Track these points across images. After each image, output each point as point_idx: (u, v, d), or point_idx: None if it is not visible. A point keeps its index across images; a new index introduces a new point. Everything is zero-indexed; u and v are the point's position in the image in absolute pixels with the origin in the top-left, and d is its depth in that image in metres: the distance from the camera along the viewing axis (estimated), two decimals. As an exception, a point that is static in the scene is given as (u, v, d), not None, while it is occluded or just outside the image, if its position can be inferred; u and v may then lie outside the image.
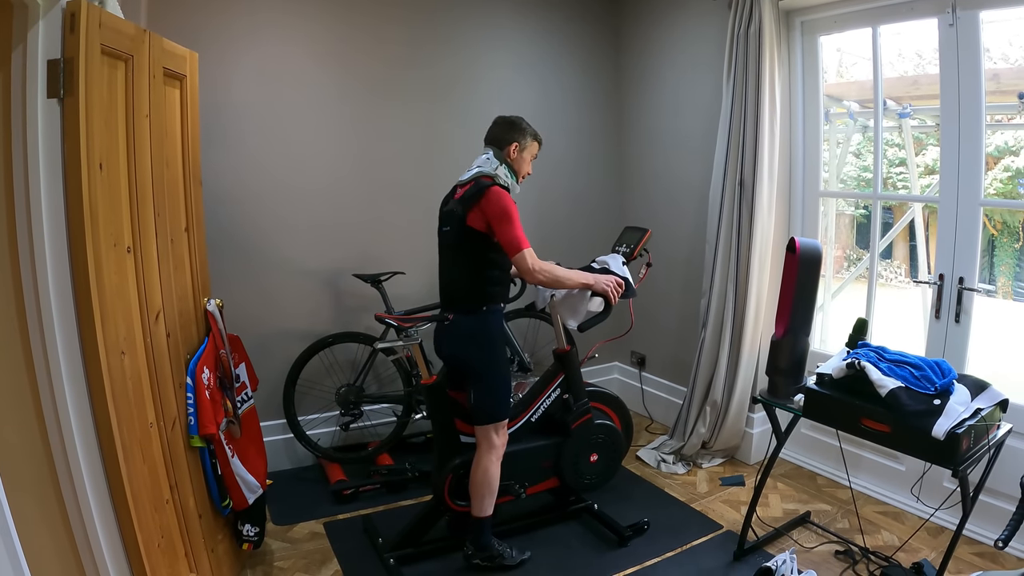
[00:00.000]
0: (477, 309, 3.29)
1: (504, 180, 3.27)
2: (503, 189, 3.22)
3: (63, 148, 2.11)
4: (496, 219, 3.14)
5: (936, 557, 3.40)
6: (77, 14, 2.07)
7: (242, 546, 3.23)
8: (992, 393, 2.86)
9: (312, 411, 4.52)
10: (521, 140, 3.37)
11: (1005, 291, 10.02)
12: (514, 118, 3.43)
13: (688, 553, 3.59)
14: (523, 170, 3.44)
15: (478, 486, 3.33)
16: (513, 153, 3.36)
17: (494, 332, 3.35)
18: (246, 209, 4.20)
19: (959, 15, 3.51)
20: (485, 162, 3.31)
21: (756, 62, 4.14)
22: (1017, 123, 6.80)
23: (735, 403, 4.47)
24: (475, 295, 3.29)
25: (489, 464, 3.33)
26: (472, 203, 3.17)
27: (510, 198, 3.20)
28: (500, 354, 3.39)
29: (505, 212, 3.14)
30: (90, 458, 2.18)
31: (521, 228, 3.17)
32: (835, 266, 7.66)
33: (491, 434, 3.34)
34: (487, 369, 3.32)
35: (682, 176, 5.04)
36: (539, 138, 3.47)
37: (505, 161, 3.34)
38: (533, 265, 3.19)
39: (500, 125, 3.42)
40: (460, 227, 3.22)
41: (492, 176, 3.24)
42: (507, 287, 3.46)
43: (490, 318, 3.31)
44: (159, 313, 2.64)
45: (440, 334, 3.43)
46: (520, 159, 3.40)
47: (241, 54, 4.09)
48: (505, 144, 3.36)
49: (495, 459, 3.35)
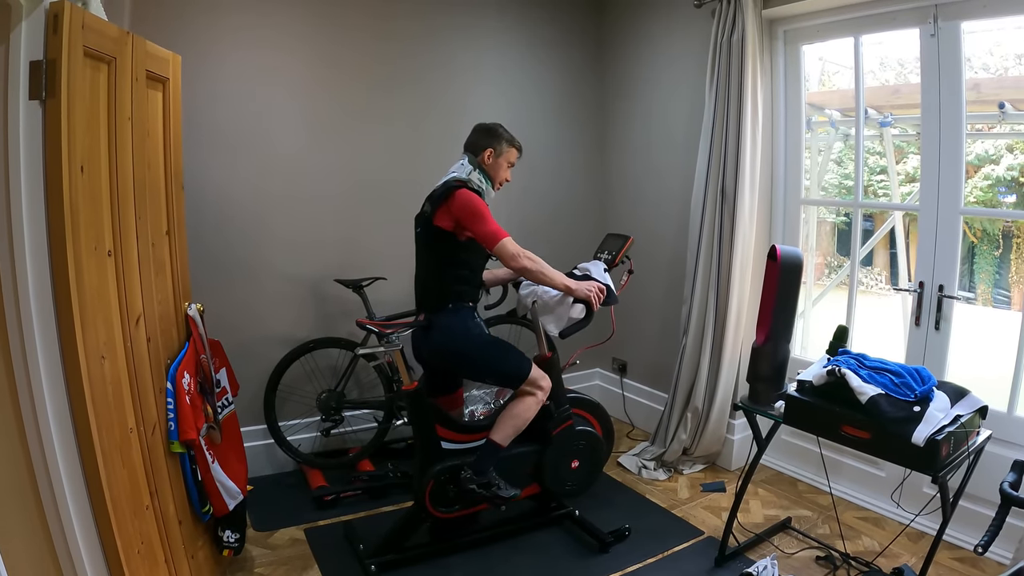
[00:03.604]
0: (444, 306, 3.36)
1: (477, 185, 3.33)
2: (472, 192, 3.26)
3: (44, 150, 2.08)
4: (468, 218, 3.20)
5: (916, 562, 3.42)
6: (60, 15, 2.05)
7: (222, 552, 3.20)
8: (972, 400, 2.89)
9: (293, 416, 4.50)
10: (496, 146, 3.42)
11: (985, 298, 10.13)
12: (491, 125, 3.48)
13: (670, 559, 3.59)
14: (499, 176, 3.48)
15: (512, 417, 3.40)
16: (488, 159, 3.41)
17: (465, 322, 3.39)
18: (227, 213, 4.18)
19: (941, 26, 3.55)
20: (459, 168, 3.39)
21: (739, 70, 4.16)
22: (997, 132, 6.86)
23: (716, 409, 4.48)
24: (443, 293, 3.37)
25: (532, 403, 3.43)
26: (439, 203, 3.25)
27: (479, 198, 3.24)
28: (480, 332, 3.42)
29: (475, 210, 3.19)
30: (70, 463, 2.16)
31: (494, 221, 3.22)
32: (816, 273, 7.71)
33: (530, 386, 3.41)
34: (477, 351, 3.38)
35: (664, 183, 5.05)
36: (516, 144, 3.50)
37: (480, 166, 3.39)
38: (516, 251, 3.23)
39: (477, 131, 3.48)
40: (428, 227, 3.30)
41: (464, 181, 3.30)
42: (476, 288, 3.50)
43: (457, 312, 3.38)
44: (140, 317, 2.62)
45: (417, 339, 3.48)
46: (496, 164, 3.44)
47: (224, 57, 4.07)
48: (480, 150, 3.42)
49: (539, 401, 3.44)
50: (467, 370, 3.54)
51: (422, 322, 3.42)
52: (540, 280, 3.37)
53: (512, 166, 3.53)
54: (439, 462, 3.44)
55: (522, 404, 3.40)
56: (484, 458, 3.40)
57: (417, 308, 3.52)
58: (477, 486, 3.38)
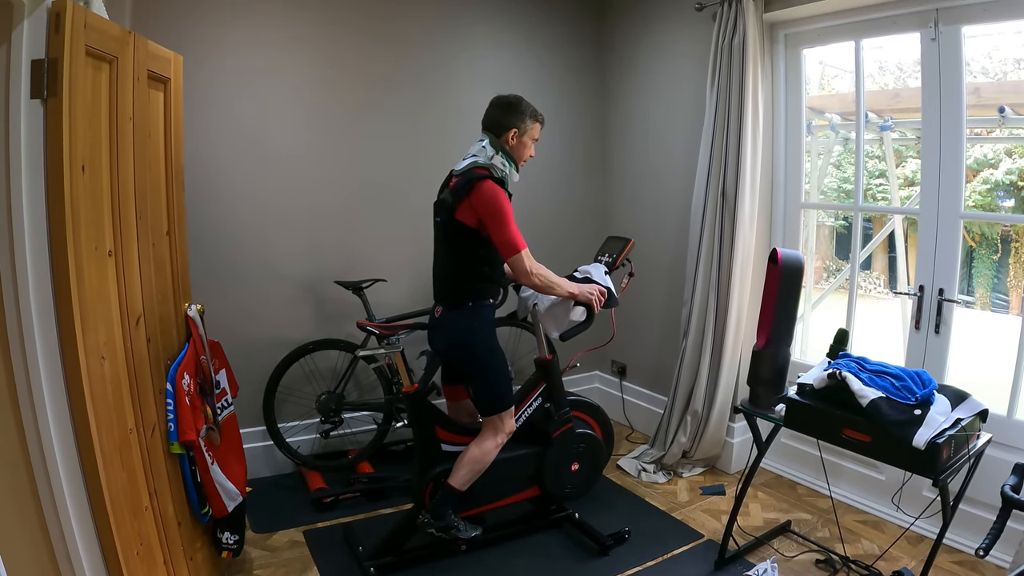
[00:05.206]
0: (463, 305, 3.24)
1: (500, 171, 3.15)
2: (496, 183, 3.09)
3: (45, 150, 2.08)
4: (489, 217, 3.05)
5: (916, 566, 3.42)
6: (62, 14, 2.05)
7: (221, 554, 3.19)
8: (972, 403, 2.89)
9: (292, 418, 4.49)
10: (520, 124, 3.21)
11: (983, 302, 10.14)
12: (512, 98, 3.26)
13: (669, 562, 3.59)
14: (524, 155, 3.29)
15: (471, 461, 3.29)
16: (512, 139, 3.21)
17: (484, 326, 3.29)
18: (228, 213, 4.17)
19: (942, 30, 3.55)
20: (480, 151, 3.18)
21: (740, 74, 4.16)
22: (996, 136, 6.88)
23: (716, 413, 4.48)
24: (463, 291, 3.24)
25: (491, 447, 3.31)
26: (462, 196, 3.08)
27: (504, 194, 3.08)
28: (493, 346, 3.32)
29: (498, 210, 3.03)
30: (69, 464, 2.15)
31: (516, 227, 3.07)
32: (815, 276, 7.72)
33: (497, 422, 3.33)
34: (482, 363, 3.29)
35: (665, 186, 5.05)
36: (540, 118, 3.30)
37: (502, 148, 3.20)
38: (531, 268, 3.11)
39: (497, 107, 3.25)
40: (450, 220, 3.14)
41: (487, 167, 3.12)
42: (497, 284, 3.38)
43: (479, 313, 3.26)
44: (140, 318, 2.61)
45: (432, 328, 3.40)
46: (520, 144, 3.25)
47: (225, 58, 4.07)
48: (503, 130, 3.21)
49: (498, 444, 3.34)
50: (467, 371, 3.42)
51: (438, 318, 3.33)
52: (548, 292, 3.30)
53: (536, 141, 3.34)
54: (439, 464, 3.43)
55: (481, 448, 3.31)
56: (442, 503, 3.32)
57: (435, 298, 3.38)
58: (436, 530, 3.32)
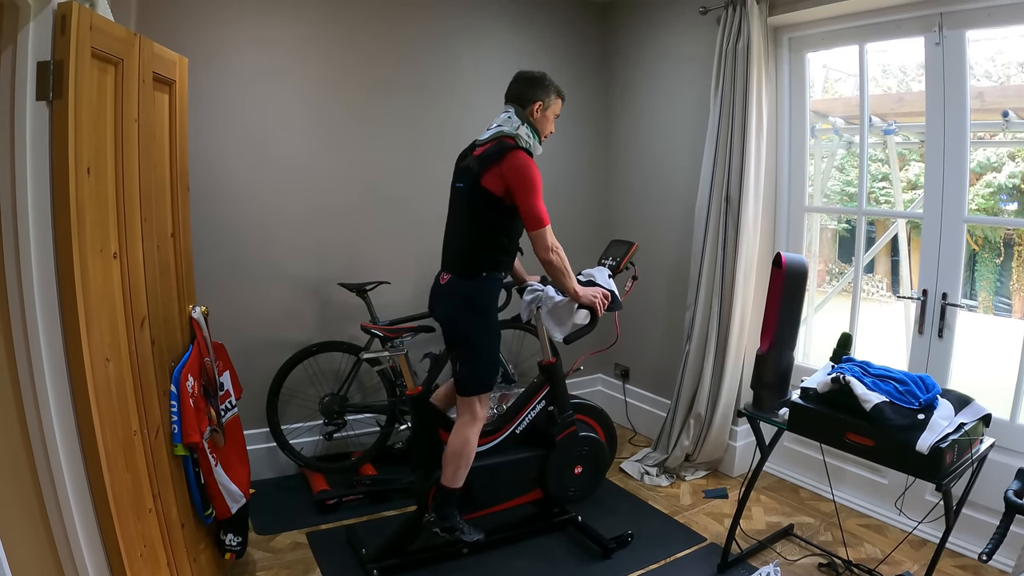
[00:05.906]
0: (476, 274, 3.19)
1: (526, 141, 3.14)
2: (527, 153, 3.09)
3: (51, 151, 2.09)
4: (519, 186, 3.03)
5: (919, 570, 3.42)
6: (68, 16, 2.05)
7: (224, 556, 3.19)
8: (975, 408, 2.89)
9: (295, 420, 4.50)
10: (545, 98, 3.23)
11: (986, 306, 10.14)
12: (537, 74, 3.28)
13: (672, 565, 3.59)
14: (545, 130, 3.29)
15: (454, 456, 3.24)
16: (536, 112, 3.21)
17: (490, 300, 3.26)
18: (232, 215, 4.18)
19: (946, 34, 3.55)
20: (506, 120, 3.17)
21: (744, 77, 4.16)
22: (1000, 140, 6.87)
23: (719, 416, 4.48)
24: (478, 260, 3.19)
25: (469, 435, 3.25)
26: (491, 163, 3.06)
27: (535, 166, 3.07)
28: (493, 323, 3.30)
29: (529, 180, 3.02)
30: (73, 465, 2.15)
31: (542, 200, 3.06)
32: (818, 280, 7.72)
33: (475, 405, 3.27)
34: (478, 337, 3.24)
35: (668, 190, 5.05)
36: (562, 94, 3.32)
37: (527, 120, 3.19)
38: (553, 244, 3.10)
39: (522, 81, 3.26)
40: (474, 186, 3.10)
41: (514, 137, 3.11)
42: (512, 256, 3.35)
43: (489, 285, 3.22)
44: (144, 320, 2.62)
45: (435, 294, 3.35)
46: (543, 118, 3.25)
47: (230, 59, 4.08)
48: (528, 102, 3.21)
49: (476, 431, 3.28)
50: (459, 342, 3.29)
51: (444, 285, 3.25)
52: (558, 278, 3.24)
53: (557, 117, 3.35)
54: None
55: (460, 438, 3.25)
56: (442, 503, 3.30)
57: (443, 266, 3.31)
58: (440, 530, 3.30)
